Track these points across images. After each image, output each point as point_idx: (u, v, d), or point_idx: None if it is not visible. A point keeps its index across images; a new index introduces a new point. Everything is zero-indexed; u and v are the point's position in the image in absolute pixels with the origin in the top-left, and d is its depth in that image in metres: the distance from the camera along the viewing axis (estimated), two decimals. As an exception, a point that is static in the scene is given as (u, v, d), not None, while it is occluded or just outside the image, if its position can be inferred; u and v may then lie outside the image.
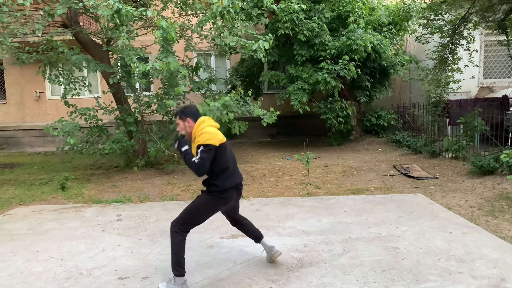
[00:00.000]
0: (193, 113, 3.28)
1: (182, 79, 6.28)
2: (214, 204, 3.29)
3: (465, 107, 9.54)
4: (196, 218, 3.27)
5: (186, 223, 3.24)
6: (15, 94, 13.74)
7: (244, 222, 3.64)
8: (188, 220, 3.24)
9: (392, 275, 3.37)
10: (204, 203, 3.28)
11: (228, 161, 3.26)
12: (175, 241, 3.19)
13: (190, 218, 3.25)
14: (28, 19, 7.66)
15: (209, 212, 3.31)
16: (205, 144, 3.09)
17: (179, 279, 3.18)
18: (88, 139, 8.29)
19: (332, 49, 9.48)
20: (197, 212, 3.27)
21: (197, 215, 3.27)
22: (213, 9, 6.12)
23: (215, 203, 3.28)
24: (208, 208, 3.29)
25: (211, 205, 3.29)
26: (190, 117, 3.25)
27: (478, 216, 4.88)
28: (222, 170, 3.22)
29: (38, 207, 5.95)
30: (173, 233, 3.19)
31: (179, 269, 3.18)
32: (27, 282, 3.46)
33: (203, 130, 3.17)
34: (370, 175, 7.36)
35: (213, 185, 3.25)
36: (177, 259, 3.18)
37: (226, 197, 3.28)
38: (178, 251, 3.18)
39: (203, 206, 3.28)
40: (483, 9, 8.59)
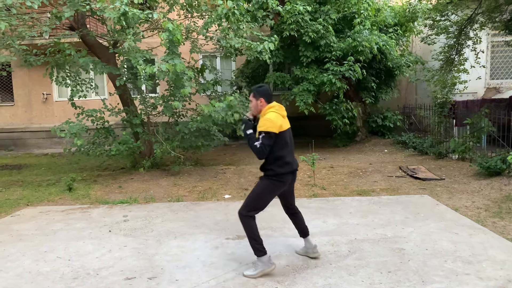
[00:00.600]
0: (266, 94, 3.52)
1: (188, 81, 6.31)
2: (272, 187, 3.49)
3: (471, 108, 9.49)
4: (260, 203, 3.50)
5: (252, 209, 3.48)
6: (22, 96, 13.86)
7: (297, 214, 3.83)
8: (253, 206, 3.49)
9: (398, 276, 3.36)
10: (264, 188, 3.49)
11: (286, 149, 3.47)
12: (247, 224, 3.44)
13: (254, 204, 3.49)
14: (36, 21, 7.73)
15: (270, 195, 3.52)
16: (266, 131, 3.32)
17: (264, 258, 3.42)
18: (94, 141, 8.34)
19: (338, 50, 9.47)
20: (260, 197, 3.49)
21: (260, 200, 3.50)
22: (218, 11, 6.15)
23: (273, 186, 3.48)
24: (268, 191, 3.50)
25: (270, 189, 3.50)
26: (263, 97, 3.50)
27: (485, 218, 4.86)
28: (279, 157, 3.42)
29: (46, 208, 6.00)
30: (243, 218, 3.46)
31: (260, 248, 3.44)
32: (35, 282, 3.49)
33: (267, 116, 3.40)
34: (376, 176, 7.34)
35: (269, 170, 3.47)
36: (255, 241, 3.43)
37: (283, 180, 3.49)
38: (253, 232, 3.44)
39: (264, 191, 3.49)
40: (489, 10, 8.55)
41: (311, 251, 3.80)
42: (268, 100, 3.50)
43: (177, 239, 4.47)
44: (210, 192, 6.65)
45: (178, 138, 7.97)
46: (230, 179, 7.52)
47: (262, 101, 3.50)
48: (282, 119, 3.47)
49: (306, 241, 3.83)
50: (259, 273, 3.41)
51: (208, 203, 5.99)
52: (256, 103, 3.53)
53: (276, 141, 3.37)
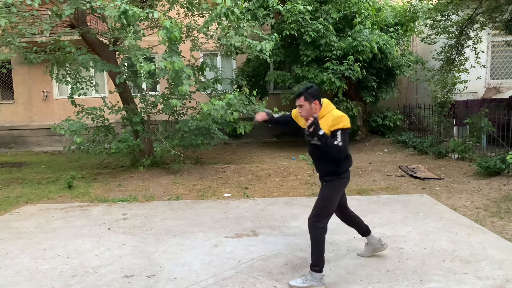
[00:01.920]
0: (319, 94, 3.25)
1: (187, 79, 6.30)
2: (341, 186, 3.38)
3: (471, 107, 9.48)
4: (331, 206, 3.31)
5: (325, 215, 3.28)
6: (23, 94, 13.86)
7: (353, 215, 3.75)
8: (325, 212, 3.28)
9: (397, 275, 3.37)
10: (332, 189, 3.31)
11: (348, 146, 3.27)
12: (318, 236, 3.22)
13: (326, 209, 3.28)
14: (36, 19, 7.73)
15: (339, 195, 3.38)
16: (343, 128, 3.11)
17: (318, 275, 3.20)
18: (94, 139, 8.35)
19: (338, 49, 9.47)
20: (331, 200, 3.29)
21: (331, 204, 3.30)
22: (217, 10, 6.14)
23: (341, 185, 3.37)
24: (337, 192, 3.35)
25: (339, 188, 3.37)
26: (317, 98, 3.22)
27: (484, 217, 4.86)
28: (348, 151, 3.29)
29: (45, 206, 6.01)
30: (317, 229, 3.23)
31: (320, 265, 3.22)
32: (34, 280, 3.50)
33: (337, 113, 3.19)
34: (375, 176, 7.34)
35: (341, 167, 3.29)
36: (321, 254, 3.23)
37: (348, 176, 3.39)
38: (321, 245, 3.23)
39: (333, 192, 3.31)
40: (490, 10, 8.55)
41: (378, 245, 3.71)
42: (321, 101, 3.24)
43: (176, 237, 4.47)
44: (210, 191, 6.65)
45: (178, 137, 7.97)
46: (230, 178, 7.53)
47: (317, 103, 3.21)
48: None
49: (370, 237, 3.72)
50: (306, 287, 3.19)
51: (208, 202, 6.00)
52: (309, 106, 3.20)
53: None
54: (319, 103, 3.23)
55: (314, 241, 3.23)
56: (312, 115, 3.18)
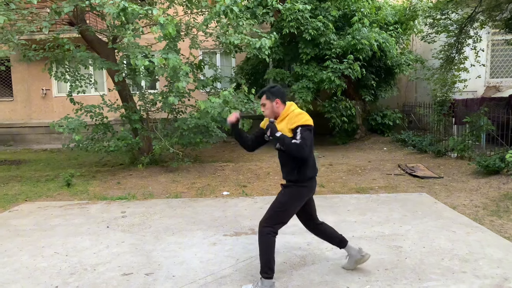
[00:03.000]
0: (282, 94, 3.16)
1: (184, 76, 6.29)
2: (300, 195, 3.15)
3: (471, 106, 9.48)
4: (286, 215, 3.12)
5: (278, 222, 3.11)
6: (21, 91, 13.84)
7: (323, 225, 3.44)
8: (278, 218, 3.11)
9: (395, 274, 3.37)
10: (290, 196, 3.12)
11: (312, 149, 3.09)
12: (266, 242, 3.05)
13: (280, 216, 3.10)
14: (35, 16, 7.71)
15: (297, 205, 3.16)
16: (303, 124, 2.98)
17: (268, 282, 3.05)
18: (93, 137, 8.34)
19: (338, 48, 9.46)
20: (286, 208, 3.11)
21: (286, 212, 3.12)
22: (216, 8, 6.13)
23: (301, 194, 3.14)
24: (295, 200, 3.14)
25: (298, 197, 3.14)
26: (278, 97, 3.13)
27: (483, 216, 4.86)
28: (310, 157, 3.08)
29: (44, 204, 6.00)
30: (265, 235, 3.05)
31: (270, 272, 3.04)
32: (32, 277, 3.49)
33: (297, 112, 3.08)
34: (374, 174, 7.34)
35: (301, 174, 3.09)
36: (269, 261, 3.04)
37: (311, 186, 3.18)
38: (269, 252, 3.04)
39: (291, 200, 3.12)
40: (490, 8, 8.53)
41: (359, 255, 3.36)
42: (284, 100, 3.16)
43: (175, 235, 4.47)
44: (209, 189, 6.65)
45: (177, 135, 7.96)
46: (228, 176, 7.52)
47: (278, 102, 3.13)
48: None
49: (349, 248, 3.40)
50: None
51: (207, 200, 5.99)
52: (271, 105, 3.14)
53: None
54: (281, 102, 3.14)
55: (263, 247, 3.06)
56: (275, 114, 3.15)
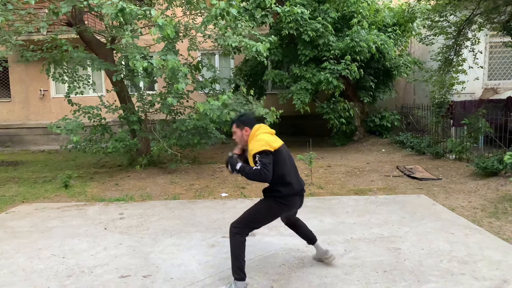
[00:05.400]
0: (250, 121, 3.27)
1: (183, 77, 6.27)
2: (276, 209, 3.20)
3: (469, 108, 9.49)
4: (257, 222, 3.23)
5: (247, 226, 3.18)
6: (19, 92, 13.80)
7: (297, 221, 3.58)
8: (249, 223, 3.19)
9: (394, 275, 3.36)
10: (267, 207, 3.21)
11: (285, 167, 3.17)
12: (235, 243, 3.12)
13: (251, 221, 3.20)
14: (33, 17, 7.69)
15: (271, 217, 3.25)
16: (260, 151, 3.02)
17: (240, 283, 3.09)
18: (91, 138, 8.31)
19: (336, 49, 9.46)
20: (259, 216, 3.21)
21: (258, 219, 3.22)
22: (212, 11, 6.12)
23: (277, 207, 3.19)
24: (270, 213, 3.22)
25: (273, 210, 3.21)
26: (247, 125, 3.25)
27: (481, 218, 4.86)
28: (281, 175, 3.12)
29: (41, 205, 5.97)
30: (234, 235, 3.13)
31: (240, 273, 3.10)
32: (29, 279, 3.47)
33: (257, 137, 3.14)
34: (373, 176, 7.34)
35: (275, 191, 3.16)
36: (239, 262, 3.10)
37: (289, 203, 3.21)
38: (239, 253, 3.11)
39: (266, 211, 3.21)
40: (488, 11, 8.55)
41: (324, 257, 3.56)
42: (252, 127, 3.24)
43: (173, 237, 4.45)
44: (207, 190, 6.63)
45: (175, 136, 7.94)
46: (227, 178, 7.50)
47: (247, 130, 3.23)
48: (273, 137, 3.22)
49: (316, 247, 3.59)
50: None
51: (205, 201, 5.98)
52: (241, 133, 3.25)
53: (274, 159, 3.06)
54: (250, 129, 3.23)
55: (233, 250, 3.12)
56: (245, 142, 3.24)
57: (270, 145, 3.07)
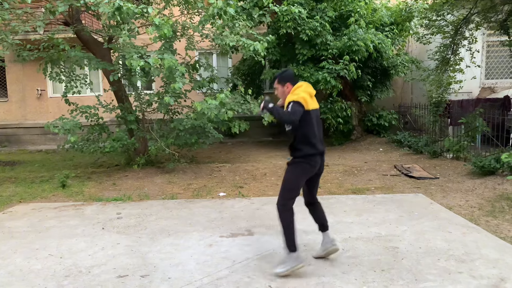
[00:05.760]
0: (292, 78, 3.51)
1: (180, 77, 6.26)
2: (301, 170, 3.40)
3: (466, 107, 9.52)
4: (293, 190, 3.40)
5: (287, 198, 3.39)
6: (16, 92, 13.75)
7: (317, 205, 3.73)
8: (287, 195, 3.40)
9: (392, 274, 3.36)
10: (293, 173, 3.41)
11: (313, 128, 3.37)
12: (283, 218, 3.35)
13: (288, 192, 3.40)
14: (29, 16, 7.66)
15: (301, 179, 3.44)
16: (295, 101, 3.27)
17: (294, 254, 3.33)
18: (89, 137, 8.29)
19: (334, 49, 9.47)
20: (292, 185, 3.40)
21: (292, 187, 3.40)
22: (210, 11, 6.11)
23: (301, 169, 3.40)
24: (298, 176, 3.41)
25: (299, 172, 3.40)
26: (289, 81, 3.47)
27: (479, 217, 4.87)
28: (305, 134, 3.35)
29: (38, 205, 5.95)
30: (281, 212, 3.37)
31: (292, 245, 3.33)
32: (26, 280, 3.46)
33: (295, 92, 3.38)
34: (370, 175, 7.35)
35: (297, 150, 3.39)
36: (291, 235, 3.33)
37: (312, 163, 3.40)
38: (288, 226, 3.34)
39: (294, 176, 3.41)
40: (485, 10, 8.57)
41: (330, 245, 3.62)
42: (294, 84, 3.48)
43: (171, 237, 4.44)
44: (205, 190, 6.62)
45: (173, 135, 7.94)
46: (225, 177, 7.50)
47: (289, 86, 3.47)
48: (310, 99, 3.40)
49: (325, 235, 3.68)
50: (289, 270, 3.32)
51: (203, 201, 5.97)
52: (282, 89, 3.51)
53: (305, 118, 3.31)
54: (291, 85, 3.47)
55: (283, 225, 3.35)
56: (284, 97, 3.48)
57: (306, 102, 3.31)
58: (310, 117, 3.35)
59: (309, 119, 3.35)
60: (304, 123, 3.32)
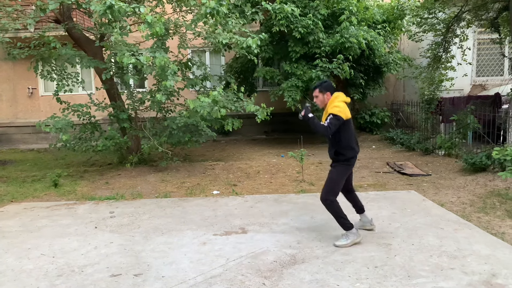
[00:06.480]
0: (331, 88, 4.00)
1: (172, 75, 6.23)
2: (345, 171, 3.99)
3: (458, 104, 9.59)
4: (336, 187, 3.96)
5: (332, 192, 3.93)
6: (7, 90, 13.60)
7: (354, 191, 4.35)
8: (332, 191, 3.94)
9: (385, 271, 3.38)
10: (338, 173, 3.97)
11: (352, 135, 3.95)
12: (332, 209, 3.92)
13: (332, 188, 3.94)
14: (19, 14, 7.57)
15: (343, 178, 4.00)
16: (335, 114, 3.76)
17: (353, 230, 3.95)
18: (81, 136, 8.22)
19: (327, 46, 9.48)
20: (335, 183, 3.95)
21: (336, 185, 3.96)
22: (202, 10, 6.08)
23: (345, 169, 3.98)
24: (342, 175, 3.98)
25: (343, 172, 3.98)
26: (329, 90, 3.98)
27: (470, 213, 4.92)
28: (348, 139, 3.91)
29: (30, 204, 5.91)
30: (328, 205, 3.92)
31: (348, 224, 3.94)
32: (18, 280, 3.43)
33: (336, 103, 3.85)
34: (363, 172, 7.38)
35: (341, 155, 3.94)
36: (343, 219, 3.93)
37: (351, 163, 4.00)
38: (339, 214, 3.93)
39: (337, 176, 3.97)
40: (476, 8, 8.65)
41: (368, 224, 4.33)
42: (333, 93, 3.96)
43: (164, 235, 4.43)
44: (199, 188, 6.61)
45: (166, 134, 7.90)
46: (218, 175, 7.49)
47: (328, 95, 3.96)
48: (347, 107, 3.87)
49: (363, 216, 4.35)
50: (351, 243, 3.89)
51: (197, 199, 5.96)
52: (323, 97, 3.98)
53: (345, 127, 3.84)
54: (331, 95, 3.96)
55: (334, 214, 3.95)
56: (325, 104, 3.97)
57: (345, 113, 3.81)
58: (350, 124, 3.91)
59: (348, 127, 3.89)
60: (344, 131, 3.86)
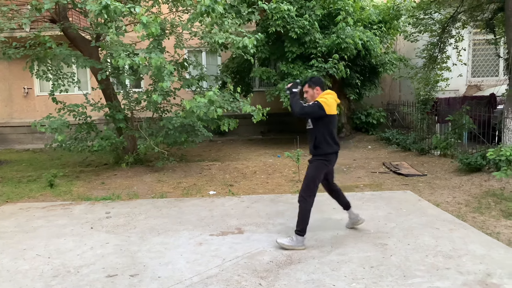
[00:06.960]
0: (321, 84, 4.06)
1: (168, 75, 6.22)
2: (321, 167, 3.97)
3: (453, 105, 9.64)
4: (313, 183, 3.92)
5: (308, 191, 3.90)
6: (2, 90, 13.53)
7: (338, 189, 4.39)
8: (309, 189, 3.90)
9: (380, 271, 3.40)
10: (314, 168, 3.95)
11: (331, 131, 3.95)
12: (303, 207, 3.90)
13: (309, 186, 3.91)
14: (15, 13, 7.54)
15: (321, 175, 3.98)
16: (319, 102, 3.82)
17: (300, 238, 3.89)
18: (77, 136, 8.19)
19: (323, 46, 9.50)
20: (312, 180, 3.92)
21: (313, 182, 3.92)
22: (198, 8, 6.08)
23: (321, 166, 3.97)
24: (318, 171, 3.95)
25: (319, 168, 3.96)
26: (318, 85, 4.03)
27: (465, 213, 4.94)
28: (326, 134, 3.91)
29: (26, 205, 5.88)
30: (301, 200, 3.91)
31: (302, 232, 3.89)
32: (14, 280, 3.41)
33: (325, 96, 3.92)
34: (359, 172, 7.40)
35: (318, 148, 3.94)
36: (304, 222, 3.89)
37: (328, 159, 3.98)
38: (306, 215, 3.90)
39: (314, 173, 3.94)
40: (471, 8, 8.70)
41: (355, 220, 4.35)
42: (323, 89, 4.02)
43: (161, 235, 4.43)
44: (195, 188, 6.61)
45: (162, 134, 7.89)
46: (215, 175, 7.49)
47: (318, 89, 4.01)
48: (334, 105, 3.92)
49: (350, 212, 4.36)
50: (292, 247, 3.86)
51: (193, 200, 5.96)
52: (312, 92, 4.03)
53: (326, 121, 3.87)
54: (321, 90, 4.02)
55: (301, 212, 3.90)
56: (313, 99, 3.97)
57: (329, 107, 3.84)
58: (329, 120, 3.89)
59: (328, 122, 3.89)
60: (323, 126, 3.89)
